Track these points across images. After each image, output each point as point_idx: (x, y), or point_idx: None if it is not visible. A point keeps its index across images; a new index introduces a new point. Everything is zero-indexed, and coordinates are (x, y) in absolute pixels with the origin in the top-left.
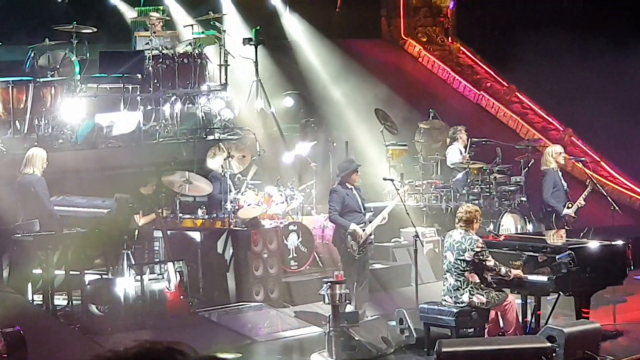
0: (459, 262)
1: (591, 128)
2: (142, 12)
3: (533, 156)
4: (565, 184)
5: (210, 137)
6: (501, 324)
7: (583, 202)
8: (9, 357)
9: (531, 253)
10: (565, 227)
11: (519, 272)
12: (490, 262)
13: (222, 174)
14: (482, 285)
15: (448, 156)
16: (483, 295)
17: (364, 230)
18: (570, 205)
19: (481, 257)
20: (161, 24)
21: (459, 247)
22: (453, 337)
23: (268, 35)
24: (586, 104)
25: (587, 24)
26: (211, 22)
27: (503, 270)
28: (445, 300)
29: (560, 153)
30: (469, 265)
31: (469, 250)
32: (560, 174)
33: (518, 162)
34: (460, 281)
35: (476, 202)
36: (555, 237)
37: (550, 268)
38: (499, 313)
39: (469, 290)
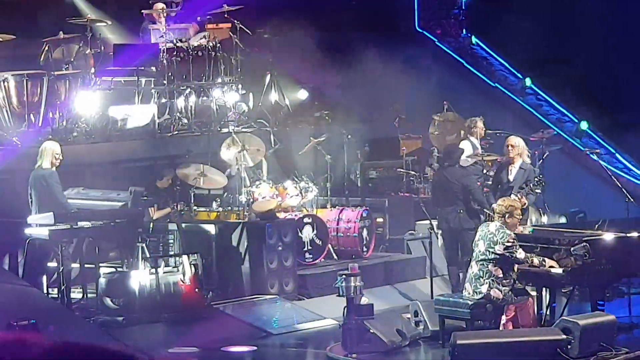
0: (487, 252)
1: (606, 120)
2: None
3: (548, 148)
4: (508, 178)
5: (225, 130)
6: (519, 321)
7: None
8: None
9: (546, 245)
10: None
11: (554, 262)
12: (521, 255)
13: (237, 167)
14: (504, 281)
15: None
16: (501, 291)
17: None
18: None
19: (511, 250)
20: (165, 15)
21: (491, 238)
22: (468, 329)
23: (282, 27)
24: (602, 96)
25: (602, 14)
26: (225, 15)
27: (536, 260)
28: (465, 289)
29: (507, 145)
30: (496, 258)
31: (499, 243)
32: (510, 166)
33: (533, 154)
34: (482, 271)
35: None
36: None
37: (565, 260)
38: (517, 310)
39: (489, 282)
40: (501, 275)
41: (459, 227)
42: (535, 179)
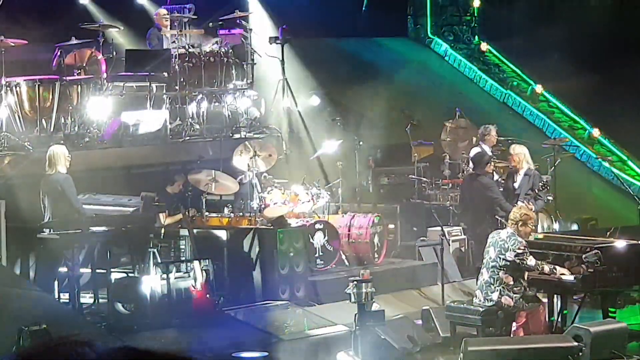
0: (498, 259)
1: (618, 127)
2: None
3: (559, 155)
4: (513, 185)
5: (237, 136)
6: (531, 327)
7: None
8: None
9: (558, 252)
10: None
11: (565, 270)
12: (532, 262)
13: (249, 173)
14: (514, 289)
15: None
16: (512, 299)
17: None
18: None
19: (522, 257)
20: (169, 21)
21: (502, 245)
22: (479, 336)
23: (294, 33)
24: (613, 103)
25: (616, 21)
26: (237, 21)
27: (547, 268)
28: (475, 296)
29: (509, 154)
30: (507, 265)
31: (511, 250)
32: (515, 174)
33: (545, 161)
34: (493, 278)
35: None
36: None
37: (577, 267)
38: (528, 317)
39: (500, 289)
40: (512, 283)
41: (489, 234)
42: (540, 183)
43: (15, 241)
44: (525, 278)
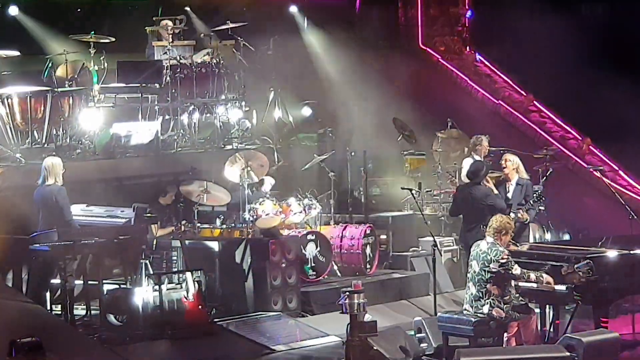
0: (483, 272)
1: (610, 137)
2: (158, 22)
3: (551, 165)
4: (506, 195)
5: (228, 147)
6: (522, 337)
7: None
8: None
9: (552, 263)
10: None
11: (550, 278)
12: (517, 271)
13: (240, 183)
14: (504, 299)
15: (462, 170)
16: (503, 310)
17: None
18: None
19: (507, 267)
20: (174, 32)
21: (484, 257)
22: (471, 346)
23: (286, 44)
24: (605, 113)
25: (607, 32)
26: (229, 32)
27: (533, 276)
28: (466, 310)
29: (501, 162)
30: (492, 277)
31: (494, 261)
32: (507, 183)
33: (536, 171)
34: (482, 292)
35: None
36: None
37: (569, 277)
38: (520, 326)
39: (490, 302)
40: (501, 294)
41: None
42: (534, 194)
43: (7, 253)
44: (513, 287)
